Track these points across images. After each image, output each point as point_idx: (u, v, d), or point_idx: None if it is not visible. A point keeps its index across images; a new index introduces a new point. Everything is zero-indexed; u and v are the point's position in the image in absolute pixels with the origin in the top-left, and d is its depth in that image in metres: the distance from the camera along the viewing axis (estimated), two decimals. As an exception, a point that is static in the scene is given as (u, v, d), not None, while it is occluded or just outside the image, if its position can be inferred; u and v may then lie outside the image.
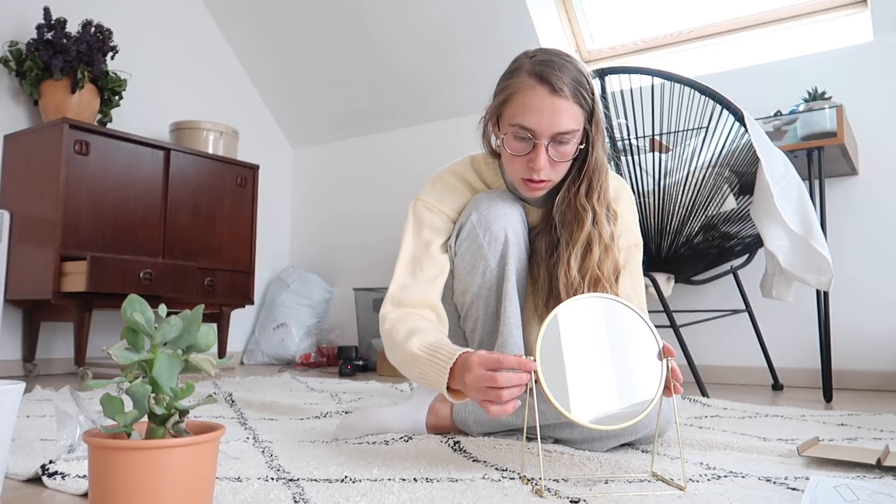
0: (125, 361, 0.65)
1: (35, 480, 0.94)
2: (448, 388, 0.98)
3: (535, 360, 0.89)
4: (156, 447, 0.63)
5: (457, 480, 0.92)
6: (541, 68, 1.09)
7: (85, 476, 0.91)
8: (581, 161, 1.17)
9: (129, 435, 0.67)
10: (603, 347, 0.93)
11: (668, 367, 0.93)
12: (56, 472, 0.92)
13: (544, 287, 1.19)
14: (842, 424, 1.51)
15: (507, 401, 0.89)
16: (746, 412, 1.68)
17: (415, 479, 0.92)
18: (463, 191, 1.27)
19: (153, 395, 0.67)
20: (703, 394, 2.00)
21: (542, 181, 1.14)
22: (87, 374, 2.49)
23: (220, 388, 2.10)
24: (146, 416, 0.67)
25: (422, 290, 1.16)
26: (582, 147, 1.15)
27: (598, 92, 1.15)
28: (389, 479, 0.92)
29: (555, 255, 1.18)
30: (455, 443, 1.15)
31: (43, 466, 0.94)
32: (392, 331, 1.11)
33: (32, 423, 1.39)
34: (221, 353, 3.07)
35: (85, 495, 0.86)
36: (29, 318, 2.72)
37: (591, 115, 1.13)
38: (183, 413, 0.68)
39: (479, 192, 1.26)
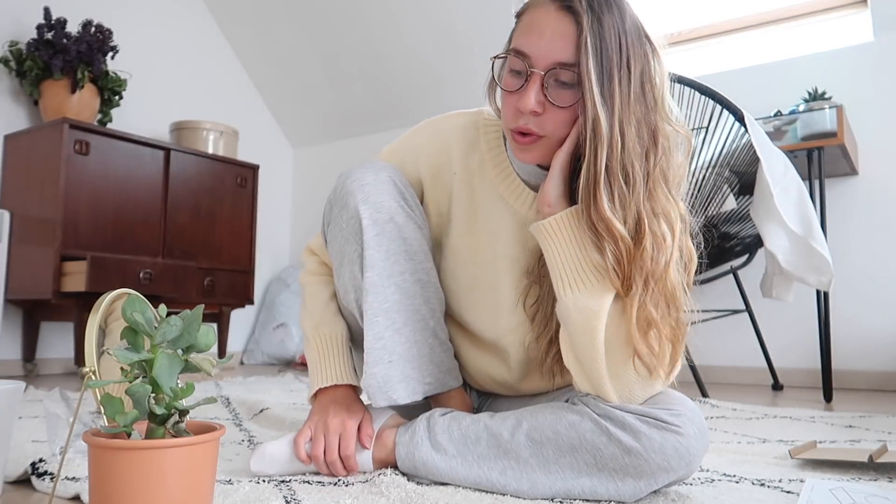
0: (125, 361, 0.65)
1: (25, 482, 0.94)
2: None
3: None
4: (156, 447, 0.63)
5: (455, 480, 0.92)
6: None
7: (74, 478, 0.90)
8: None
9: (129, 435, 0.67)
10: None
11: None
12: (45, 473, 0.92)
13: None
14: (837, 425, 1.51)
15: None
16: (744, 413, 1.68)
17: (407, 479, 0.92)
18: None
19: (153, 395, 0.67)
20: (703, 394, 2.00)
21: (528, 133, 0.85)
22: (88, 373, 2.49)
23: (221, 388, 2.10)
24: (146, 416, 0.67)
25: None
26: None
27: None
28: (382, 480, 0.91)
29: None
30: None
31: (33, 465, 0.94)
32: (306, 288, 1.11)
33: (24, 424, 1.38)
34: (221, 353, 3.07)
35: (74, 498, 0.86)
36: (29, 318, 2.72)
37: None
38: (183, 413, 0.68)
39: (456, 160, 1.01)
